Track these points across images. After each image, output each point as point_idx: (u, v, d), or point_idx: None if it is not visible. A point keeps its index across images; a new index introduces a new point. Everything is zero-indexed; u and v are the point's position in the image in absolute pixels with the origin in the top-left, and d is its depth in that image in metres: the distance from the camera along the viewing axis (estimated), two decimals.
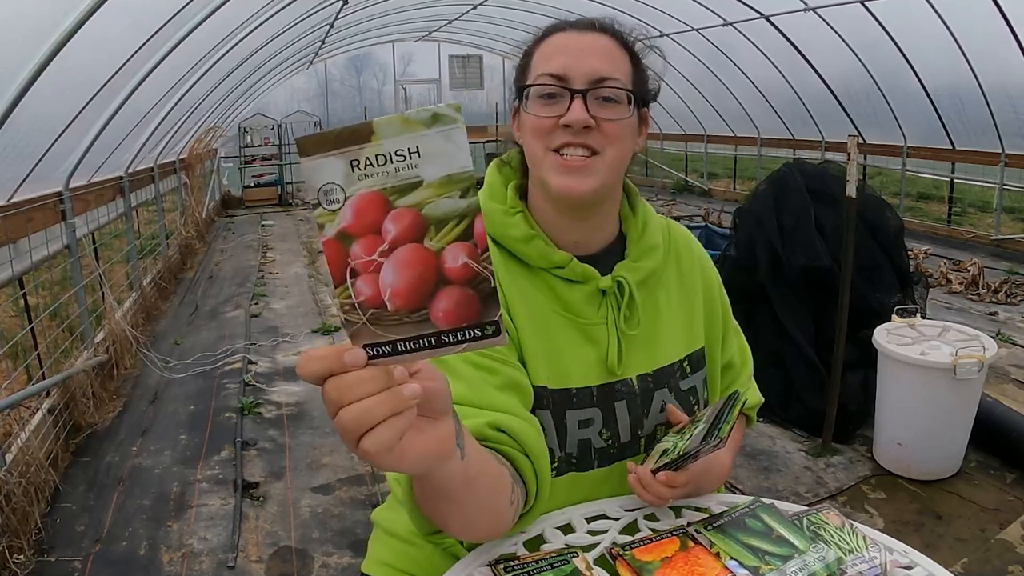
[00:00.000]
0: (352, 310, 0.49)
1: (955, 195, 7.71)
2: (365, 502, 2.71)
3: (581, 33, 0.95)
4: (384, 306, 0.49)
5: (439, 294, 0.49)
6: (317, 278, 6.44)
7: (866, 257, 3.17)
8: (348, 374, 0.50)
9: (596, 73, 0.91)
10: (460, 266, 0.48)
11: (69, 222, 3.62)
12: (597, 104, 0.91)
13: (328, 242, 0.48)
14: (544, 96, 0.92)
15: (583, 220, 0.99)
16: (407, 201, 0.47)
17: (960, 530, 2.40)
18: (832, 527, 0.89)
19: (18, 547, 2.34)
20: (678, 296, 1.07)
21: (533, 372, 0.94)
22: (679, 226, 1.14)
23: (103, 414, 3.50)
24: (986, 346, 2.54)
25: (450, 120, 0.46)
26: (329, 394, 0.51)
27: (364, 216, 0.47)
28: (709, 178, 11.33)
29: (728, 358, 1.13)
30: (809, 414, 3.06)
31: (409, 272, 0.48)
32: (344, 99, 13.16)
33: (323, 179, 0.47)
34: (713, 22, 8.03)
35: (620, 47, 0.95)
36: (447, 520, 0.76)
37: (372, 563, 1.13)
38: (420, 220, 0.47)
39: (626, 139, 0.94)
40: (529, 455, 0.84)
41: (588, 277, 0.98)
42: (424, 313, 0.49)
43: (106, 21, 2.89)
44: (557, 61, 0.92)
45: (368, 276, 0.48)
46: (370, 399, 0.50)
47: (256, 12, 5.46)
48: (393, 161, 0.47)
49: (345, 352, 0.50)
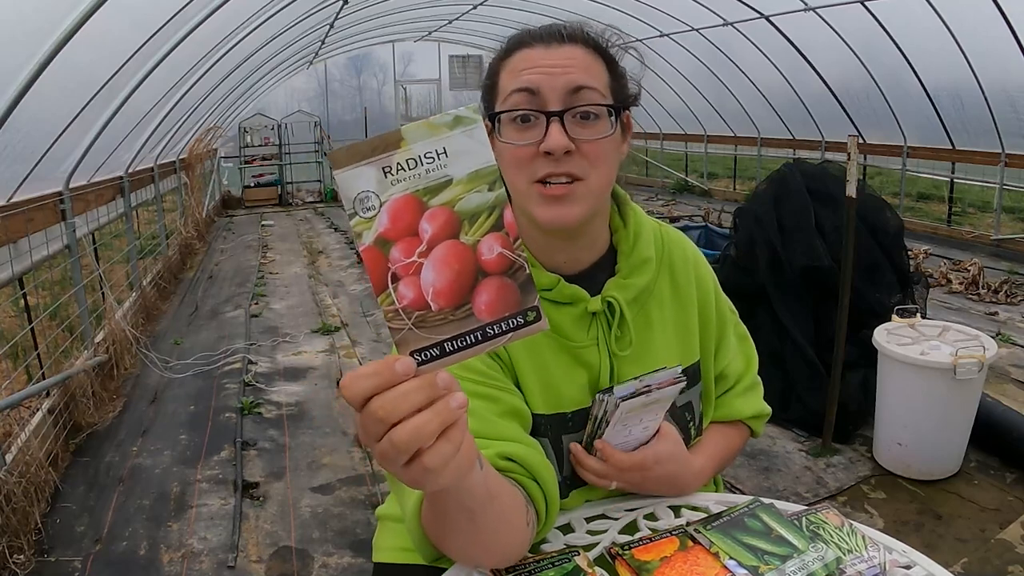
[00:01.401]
0: (396, 316, 0.49)
1: (955, 195, 7.70)
2: (365, 502, 2.71)
3: (549, 47, 0.87)
4: (428, 307, 0.49)
5: (479, 287, 0.50)
6: (317, 278, 6.44)
7: (866, 257, 3.17)
8: (392, 390, 0.48)
9: (571, 85, 0.85)
10: (496, 256, 0.49)
11: (69, 222, 3.62)
12: (576, 124, 0.85)
13: (367, 249, 0.49)
14: (517, 119, 0.86)
15: (571, 240, 0.95)
16: (440, 200, 0.49)
17: (960, 530, 2.40)
18: (831, 527, 0.89)
19: (18, 547, 2.34)
20: (672, 309, 1.02)
21: (529, 398, 0.92)
22: (673, 231, 1.09)
23: (103, 414, 3.50)
24: (986, 346, 2.54)
25: (471, 121, 0.49)
26: (376, 413, 0.48)
27: (400, 219, 0.48)
28: (709, 178, 11.33)
29: (721, 368, 1.08)
30: (809, 414, 3.06)
31: (449, 268, 0.49)
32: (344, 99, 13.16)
33: (358, 188, 0.48)
34: (713, 22, 8.03)
35: (594, 55, 0.89)
36: (463, 543, 0.75)
37: (383, 552, 1.11)
38: (454, 217, 0.49)
39: (610, 157, 0.89)
40: (539, 480, 0.84)
41: (577, 299, 0.94)
42: (468, 308, 0.50)
43: (106, 21, 2.89)
44: (527, 79, 0.86)
45: (409, 279, 0.49)
46: (421, 415, 0.48)
47: (256, 12, 5.46)
48: (423, 163, 0.49)
49: (396, 363, 0.49)
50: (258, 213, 10.73)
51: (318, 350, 4.46)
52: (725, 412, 1.09)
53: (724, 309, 1.10)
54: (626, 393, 0.91)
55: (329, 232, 8.87)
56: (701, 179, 11.29)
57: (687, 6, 7.83)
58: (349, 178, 0.48)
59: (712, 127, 10.45)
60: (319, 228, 9.24)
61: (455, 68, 13.44)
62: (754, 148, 9.80)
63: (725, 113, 9.81)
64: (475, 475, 0.63)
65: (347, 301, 5.61)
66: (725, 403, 1.10)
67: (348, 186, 0.48)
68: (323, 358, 4.31)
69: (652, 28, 8.56)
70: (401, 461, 0.50)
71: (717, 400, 1.09)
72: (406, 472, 0.51)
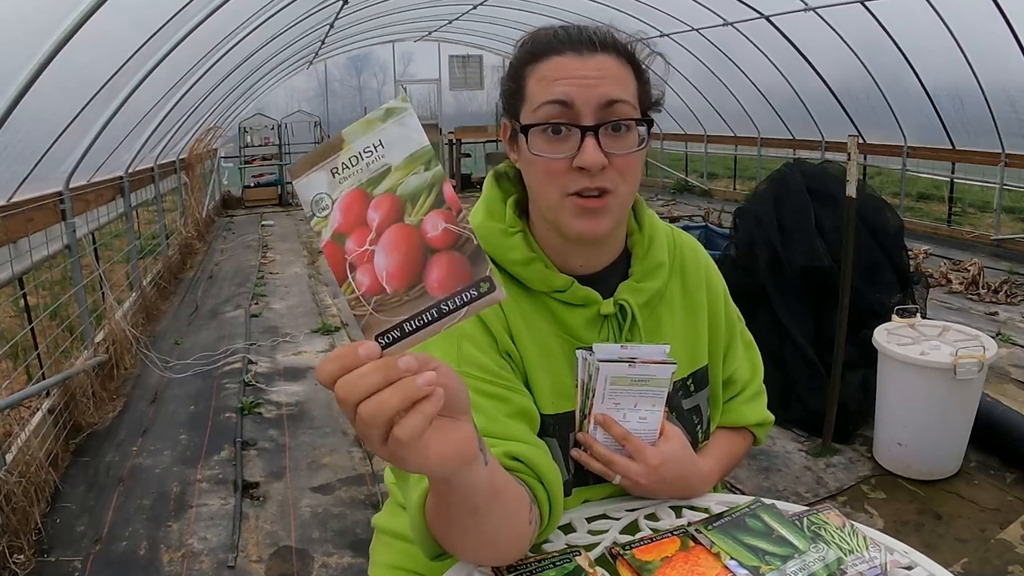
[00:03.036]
0: (358, 303, 0.52)
1: (955, 195, 7.70)
2: (365, 502, 2.71)
3: (582, 56, 0.86)
4: (384, 291, 0.52)
5: (429, 265, 0.52)
6: (317, 278, 6.44)
7: (866, 257, 3.17)
8: (351, 373, 0.52)
9: (605, 98, 0.84)
10: (441, 232, 0.52)
11: (69, 222, 3.62)
12: (608, 137, 0.85)
13: (326, 245, 0.53)
14: (549, 131, 0.86)
15: (591, 247, 0.95)
16: (382, 188, 0.53)
17: (960, 530, 2.40)
18: (833, 527, 0.89)
19: (18, 547, 2.34)
20: (682, 313, 1.03)
21: (538, 399, 0.92)
22: (685, 236, 1.09)
23: (103, 414, 3.50)
24: (986, 346, 2.54)
25: (401, 110, 0.52)
26: (338, 394, 0.52)
27: (350, 212, 0.52)
28: (709, 178, 11.33)
29: (729, 373, 1.08)
30: (809, 414, 3.06)
31: (397, 251, 0.52)
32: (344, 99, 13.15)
33: (312, 192, 0.53)
34: (713, 22, 8.03)
35: (624, 63, 0.88)
36: (467, 538, 0.75)
37: (378, 568, 1.12)
38: (397, 201, 0.52)
39: (638, 167, 0.89)
40: (543, 481, 0.84)
41: (590, 301, 0.95)
42: (421, 288, 0.52)
43: (106, 21, 2.89)
44: (560, 88, 0.85)
45: (364, 266, 0.52)
46: (384, 391, 0.51)
47: (256, 12, 5.46)
48: (363, 158, 0.52)
49: (359, 347, 0.52)
50: (258, 213, 10.73)
51: (318, 350, 4.46)
52: (731, 418, 1.10)
53: (733, 315, 1.10)
54: (607, 356, 0.91)
55: None
56: (701, 179, 11.29)
57: (687, 6, 7.83)
58: (305, 185, 0.52)
59: (712, 127, 10.46)
60: None
61: (455, 68, 13.43)
62: (754, 148, 9.81)
63: (725, 113, 9.81)
64: (480, 469, 0.64)
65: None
66: (731, 409, 1.10)
67: (305, 192, 0.52)
68: (323, 358, 4.31)
69: (652, 28, 8.55)
70: (374, 437, 0.52)
71: (724, 406, 1.09)
72: (384, 449, 0.53)
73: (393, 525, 1.09)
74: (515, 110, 0.90)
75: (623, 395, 0.92)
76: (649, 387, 0.92)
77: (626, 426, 0.94)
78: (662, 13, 8.26)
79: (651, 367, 0.92)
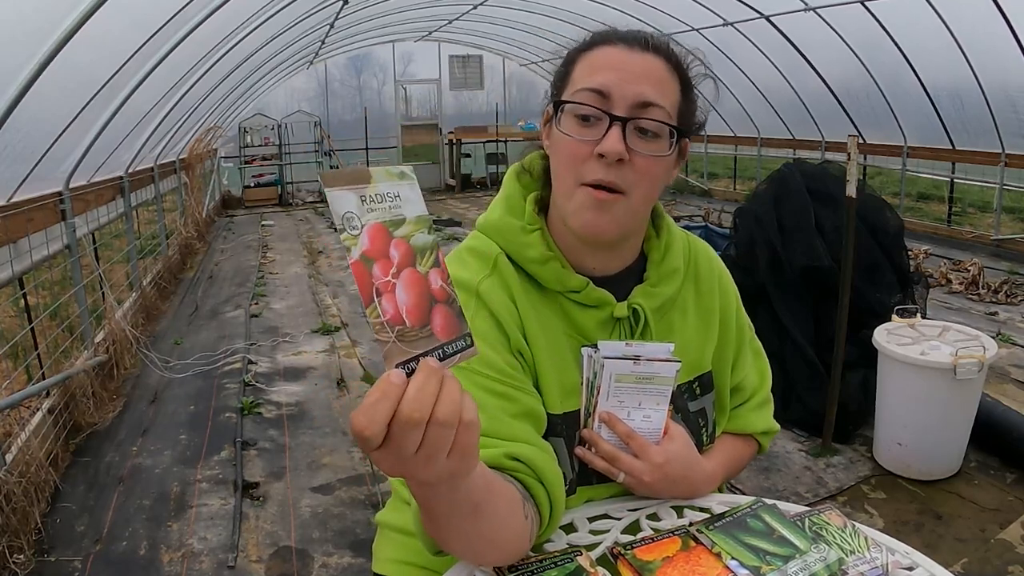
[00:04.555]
0: (382, 329, 0.54)
1: (955, 195, 7.71)
2: (365, 502, 2.71)
3: (631, 50, 0.87)
4: (404, 323, 0.55)
5: (433, 311, 0.57)
6: (317, 278, 6.44)
7: (866, 257, 3.17)
8: (410, 393, 0.52)
9: (641, 98, 0.85)
10: (439, 288, 0.58)
11: (69, 222, 3.62)
12: (635, 136, 0.85)
13: (355, 263, 0.55)
14: (581, 116, 0.87)
15: (602, 250, 0.96)
16: (400, 233, 0.58)
17: (960, 530, 2.40)
18: (834, 527, 0.89)
19: (18, 547, 2.34)
20: (694, 318, 1.03)
21: (547, 398, 0.92)
22: (700, 242, 1.09)
23: (103, 414, 3.50)
24: (986, 346, 2.54)
25: (410, 178, 0.60)
26: (412, 417, 0.52)
27: (375, 242, 0.56)
28: (709, 178, 11.33)
29: (738, 380, 1.09)
30: (809, 414, 3.06)
31: (413, 291, 0.56)
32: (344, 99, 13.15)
33: (344, 208, 0.55)
34: (713, 22, 8.03)
35: (672, 72, 0.89)
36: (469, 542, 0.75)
37: (382, 562, 1.12)
38: (410, 248, 0.57)
39: (659, 176, 0.89)
40: (544, 482, 0.84)
41: (603, 303, 0.95)
42: (429, 329, 0.57)
43: (106, 21, 2.89)
44: (601, 78, 0.86)
45: (388, 296, 0.55)
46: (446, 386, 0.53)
47: (256, 12, 5.46)
48: (386, 200, 0.57)
49: (391, 377, 0.53)
50: (258, 213, 10.73)
51: (318, 350, 4.46)
52: (738, 425, 1.10)
53: (744, 323, 1.11)
54: (612, 353, 0.91)
55: (329, 232, 8.87)
56: (701, 179, 11.30)
57: (687, 6, 7.83)
58: (337, 197, 0.55)
59: (712, 127, 10.45)
60: (319, 228, 9.24)
61: (455, 68, 13.43)
62: (754, 148, 9.81)
63: (725, 113, 9.81)
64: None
65: (347, 301, 5.61)
66: (738, 416, 1.10)
67: (336, 204, 0.55)
68: (323, 358, 4.31)
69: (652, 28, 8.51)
70: (449, 443, 0.54)
71: (731, 412, 1.09)
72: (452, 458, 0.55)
73: (397, 520, 1.09)
74: (559, 93, 0.91)
75: (627, 393, 0.92)
76: (653, 385, 0.93)
77: (630, 424, 0.94)
78: (662, 13, 8.26)
79: (655, 365, 0.92)
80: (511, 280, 0.93)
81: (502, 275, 0.93)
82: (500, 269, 0.94)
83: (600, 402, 0.93)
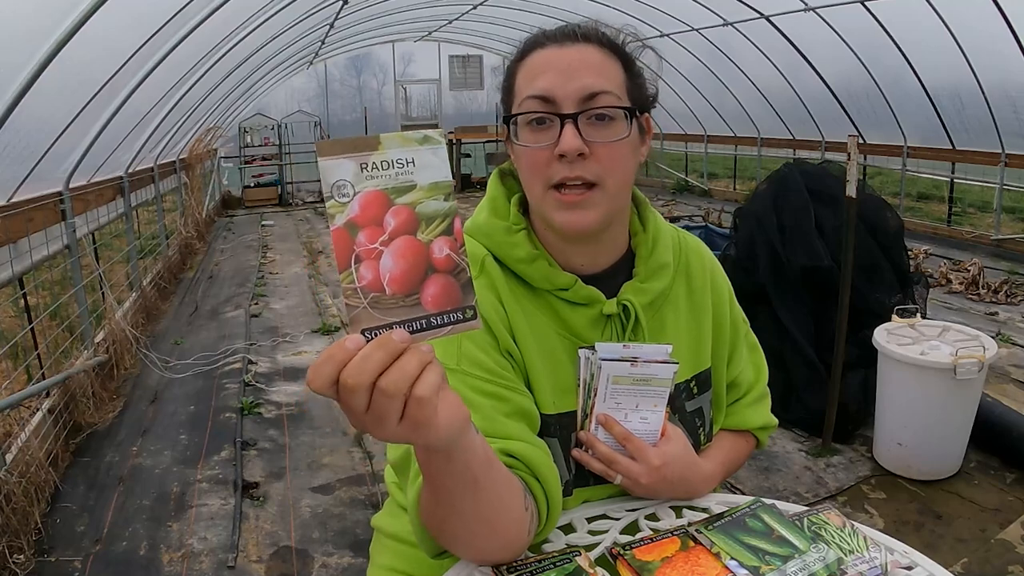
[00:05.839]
0: (354, 294, 0.55)
1: (955, 195, 7.70)
2: (365, 502, 2.71)
3: (563, 46, 0.87)
4: (383, 290, 0.56)
5: (428, 281, 0.57)
6: (317, 278, 6.44)
7: (866, 257, 3.17)
8: (353, 360, 0.53)
9: (586, 90, 0.84)
10: (444, 257, 0.57)
11: (69, 222, 3.62)
12: (590, 126, 0.85)
13: (337, 231, 0.56)
14: (532, 122, 0.87)
15: (589, 244, 0.95)
16: (404, 200, 0.57)
17: (960, 530, 2.40)
18: (833, 527, 0.89)
19: (18, 547, 2.34)
20: (686, 315, 1.02)
21: (539, 398, 0.92)
22: (691, 237, 1.08)
23: (103, 414, 3.50)
24: (986, 346, 2.54)
25: (437, 142, 0.58)
26: (348, 382, 0.53)
27: (369, 210, 0.56)
28: (709, 178, 11.33)
29: (733, 376, 1.08)
30: (809, 414, 3.06)
31: (404, 260, 0.56)
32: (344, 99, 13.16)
33: (336, 176, 0.55)
34: (713, 22, 8.03)
35: (609, 54, 0.88)
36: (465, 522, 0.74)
37: (377, 569, 1.12)
38: (414, 216, 0.57)
39: (627, 159, 0.89)
40: (540, 479, 0.84)
41: (593, 300, 0.94)
42: (416, 298, 0.56)
43: (106, 21, 2.89)
44: (541, 81, 0.86)
45: (370, 263, 0.56)
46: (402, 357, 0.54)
47: (256, 12, 5.46)
48: (395, 167, 0.57)
49: (345, 341, 0.54)
50: (258, 213, 10.73)
51: (318, 350, 4.46)
52: (734, 421, 1.09)
53: (738, 318, 1.10)
54: (610, 355, 0.91)
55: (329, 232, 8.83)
56: (701, 179, 11.30)
57: (687, 6, 7.83)
58: (331, 166, 0.55)
59: (712, 127, 10.46)
60: (319, 228, 9.23)
61: (455, 68, 13.44)
62: (754, 148, 9.81)
63: (725, 113, 9.81)
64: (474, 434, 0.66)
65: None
66: (735, 412, 1.10)
67: (329, 173, 0.55)
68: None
69: (652, 28, 8.55)
70: (395, 411, 0.55)
71: (727, 408, 1.09)
72: (399, 427, 0.55)
73: (393, 527, 1.09)
74: (508, 108, 0.92)
75: (625, 395, 0.92)
76: (651, 387, 0.92)
77: (627, 426, 0.93)
78: (662, 13, 8.26)
79: (653, 367, 0.92)
80: (499, 282, 0.93)
81: (490, 277, 0.93)
82: (488, 271, 0.93)
83: (597, 404, 0.93)
